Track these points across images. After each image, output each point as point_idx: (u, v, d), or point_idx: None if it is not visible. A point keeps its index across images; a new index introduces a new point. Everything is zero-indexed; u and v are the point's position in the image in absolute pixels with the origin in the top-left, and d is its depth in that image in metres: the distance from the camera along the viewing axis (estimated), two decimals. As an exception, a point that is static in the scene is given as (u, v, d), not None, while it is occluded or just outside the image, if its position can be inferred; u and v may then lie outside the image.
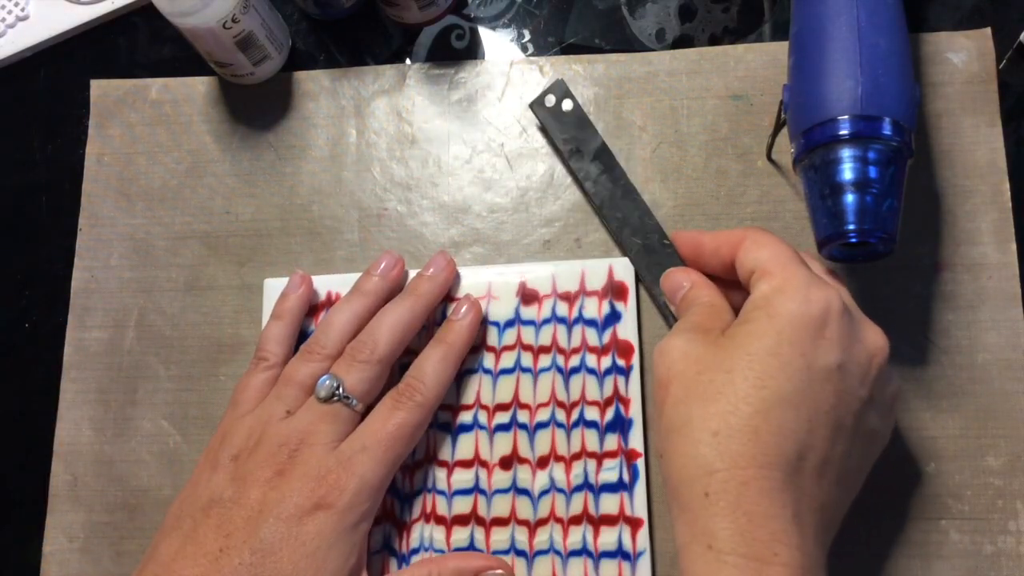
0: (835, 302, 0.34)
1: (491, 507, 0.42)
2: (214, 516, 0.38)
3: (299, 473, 0.38)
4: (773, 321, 0.34)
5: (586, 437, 0.42)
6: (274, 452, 0.38)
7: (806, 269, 0.36)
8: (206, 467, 0.40)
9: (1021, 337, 0.43)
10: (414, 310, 0.42)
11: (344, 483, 0.38)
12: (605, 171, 0.46)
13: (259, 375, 0.42)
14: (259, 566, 0.36)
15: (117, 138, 0.50)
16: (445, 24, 0.51)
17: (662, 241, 0.44)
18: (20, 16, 0.52)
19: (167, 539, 0.38)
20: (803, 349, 0.33)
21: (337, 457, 0.38)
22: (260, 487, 0.38)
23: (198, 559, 0.37)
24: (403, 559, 0.41)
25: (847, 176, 0.37)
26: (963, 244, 0.44)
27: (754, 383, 0.33)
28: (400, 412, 0.40)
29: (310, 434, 0.39)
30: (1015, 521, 0.41)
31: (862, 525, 0.41)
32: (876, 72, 0.37)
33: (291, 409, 0.40)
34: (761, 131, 0.47)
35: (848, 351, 0.34)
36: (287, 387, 0.41)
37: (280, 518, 0.37)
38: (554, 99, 0.46)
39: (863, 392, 0.34)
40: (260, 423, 0.40)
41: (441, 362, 0.41)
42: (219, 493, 0.38)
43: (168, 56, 0.52)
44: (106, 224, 0.49)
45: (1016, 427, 0.42)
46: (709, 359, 0.35)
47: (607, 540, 0.40)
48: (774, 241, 0.37)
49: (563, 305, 0.44)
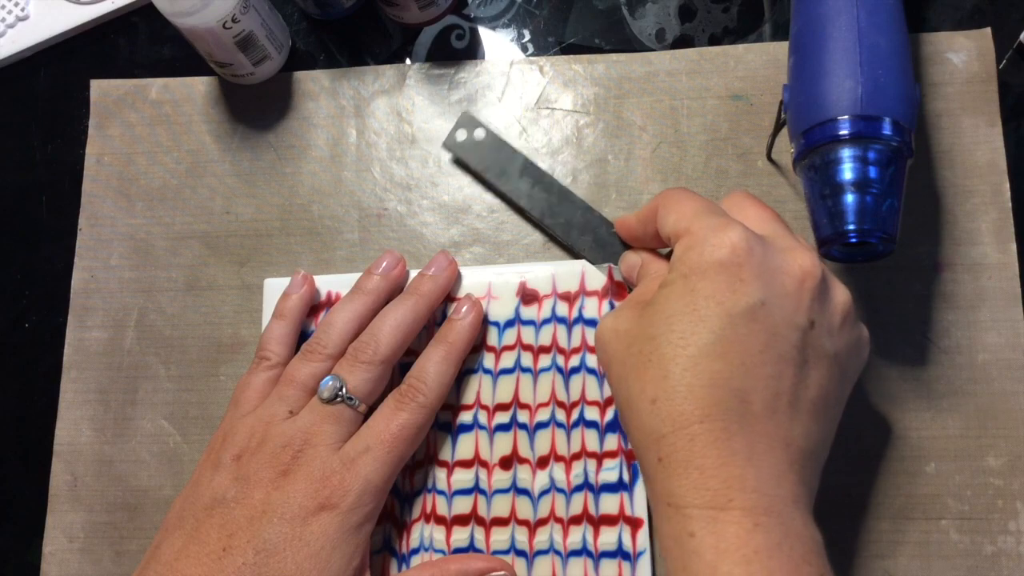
0: (739, 242, 0.34)
1: (491, 507, 0.42)
2: (217, 516, 0.38)
3: (303, 474, 0.38)
4: (688, 280, 0.34)
5: (586, 437, 0.42)
6: (277, 453, 0.38)
7: (712, 217, 0.35)
8: (208, 467, 0.40)
9: (1021, 337, 0.43)
10: (416, 310, 0.42)
11: (348, 484, 0.38)
12: (536, 183, 0.46)
13: (261, 375, 0.42)
14: (263, 566, 0.36)
15: (117, 138, 0.50)
16: (445, 24, 0.51)
17: (610, 231, 0.44)
18: (20, 16, 0.52)
19: (169, 538, 0.38)
20: (718, 297, 0.33)
21: (341, 458, 0.38)
22: (263, 487, 0.38)
23: (201, 559, 0.37)
24: (403, 559, 0.41)
25: (847, 176, 0.37)
26: (963, 244, 0.44)
27: (677, 343, 0.33)
28: (403, 413, 0.40)
29: (313, 435, 0.39)
30: (1015, 521, 0.41)
31: (862, 525, 0.41)
32: (876, 72, 0.37)
33: (293, 409, 0.40)
34: (761, 131, 0.47)
35: (769, 285, 0.33)
36: (289, 387, 0.40)
37: (284, 518, 0.37)
38: (465, 133, 0.47)
39: (800, 319, 0.34)
40: (262, 423, 0.40)
41: (443, 362, 0.41)
42: (222, 493, 0.38)
43: (168, 56, 0.52)
44: (106, 224, 0.49)
45: (1016, 427, 0.42)
46: (636, 331, 0.35)
47: (607, 540, 0.40)
48: (681, 199, 0.37)
49: (563, 305, 0.44)
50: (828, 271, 0.36)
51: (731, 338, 0.33)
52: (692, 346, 0.33)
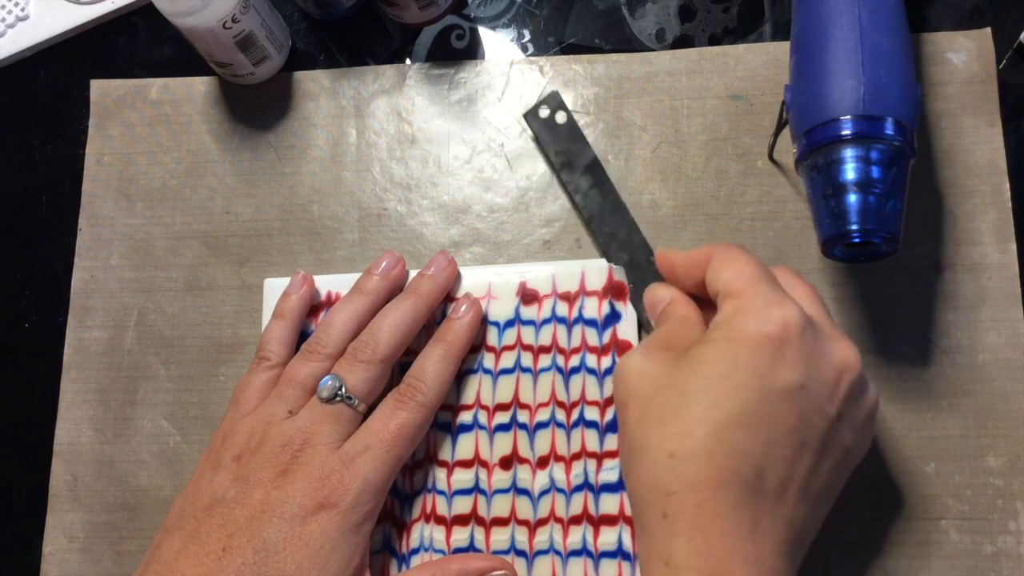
0: (794, 320, 0.34)
1: (491, 507, 0.42)
2: (217, 516, 0.38)
3: (302, 473, 0.38)
4: (731, 343, 0.34)
5: (586, 437, 0.42)
6: (277, 452, 0.38)
7: (768, 287, 0.35)
8: (208, 467, 0.40)
9: (1021, 337, 0.43)
10: (415, 310, 0.42)
11: (348, 483, 0.38)
12: (595, 185, 0.46)
13: (261, 375, 0.42)
14: (262, 566, 0.36)
15: (117, 138, 0.50)
16: (445, 24, 0.51)
17: (648, 258, 0.44)
18: (20, 16, 0.52)
19: (169, 538, 0.38)
20: (759, 371, 0.33)
21: (340, 457, 0.38)
22: (263, 487, 0.38)
23: (201, 558, 0.37)
24: (403, 559, 0.41)
25: (850, 176, 0.37)
26: (963, 244, 0.44)
27: (708, 405, 0.33)
28: (402, 412, 0.40)
29: (313, 434, 0.39)
30: (1015, 521, 0.41)
31: (862, 525, 0.42)
32: (878, 72, 0.37)
33: (293, 409, 0.40)
34: (761, 131, 0.47)
35: (811, 370, 0.33)
36: (288, 387, 0.40)
37: (284, 518, 0.37)
38: (548, 111, 0.47)
39: (831, 410, 0.34)
40: (262, 423, 0.40)
41: (442, 361, 0.41)
42: (222, 493, 0.38)
43: (168, 56, 0.52)
44: (106, 224, 0.49)
45: (1016, 427, 0.42)
46: (666, 379, 0.35)
47: (607, 540, 0.40)
48: (738, 258, 0.37)
49: (563, 305, 0.44)
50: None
51: (762, 413, 0.33)
52: (722, 412, 0.33)
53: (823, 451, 0.34)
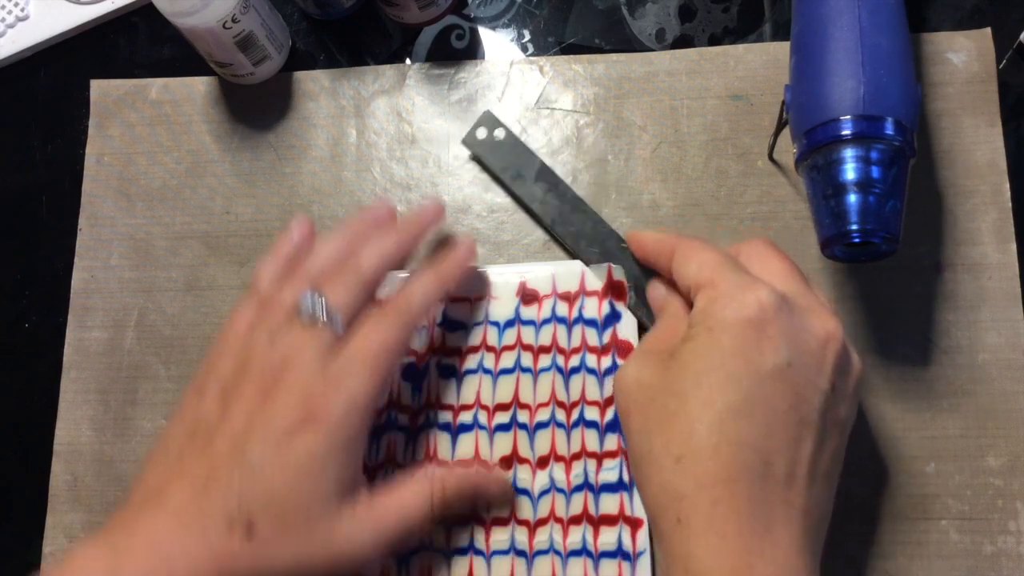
0: (768, 300, 0.34)
1: (491, 507, 0.42)
2: (199, 442, 0.37)
3: (285, 395, 0.37)
4: (713, 334, 0.34)
5: (586, 437, 0.42)
6: (260, 377, 0.38)
7: (735, 272, 0.35)
8: (193, 396, 0.39)
9: (1021, 337, 0.43)
10: (399, 240, 0.42)
11: (331, 403, 0.37)
12: (550, 189, 0.46)
13: (250, 310, 0.41)
14: (249, 488, 0.35)
15: (117, 138, 0.50)
16: (445, 24, 0.51)
17: (620, 246, 0.44)
18: (20, 16, 0.52)
19: (154, 468, 0.37)
20: (746, 356, 0.33)
21: (324, 377, 0.37)
22: (246, 411, 0.37)
23: (184, 487, 0.36)
24: (403, 559, 0.41)
25: (850, 176, 0.37)
26: (963, 244, 0.44)
27: (704, 401, 0.33)
28: (384, 329, 0.39)
29: (294, 356, 0.38)
30: (1015, 521, 0.41)
31: (862, 525, 0.42)
32: (878, 72, 0.37)
33: (275, 333, 0.39)
34: (761, 131, 0.47)
35: (795, 345, 0.33)
36: (270, 312, 0.40)
37: (267, 439, 0.36)
38: (485, 131, 0.47)
39: (823, 382, 0.33)
40: (245, 350, 0.39)
41: (430, 283, 0.41)
42: (205, 420, 0.37)
43: (168, 56, 0.52)
44: (106, 224, 0.49)
45: (1016, 427, 0.42)
46: (660, 384, 0.35)
47: (607, 540, 0.40)
48: (700, 250, 0.37)
49: (563, 305, 0.44)
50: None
51: (758, 398, 0.32)
52: (719, 404, 0.33)
53: (823, 428, 0.33)
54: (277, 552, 0.35)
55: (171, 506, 0.36)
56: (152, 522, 0.35)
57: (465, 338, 0.44)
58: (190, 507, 0.35)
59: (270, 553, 0.35)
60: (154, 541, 0.35)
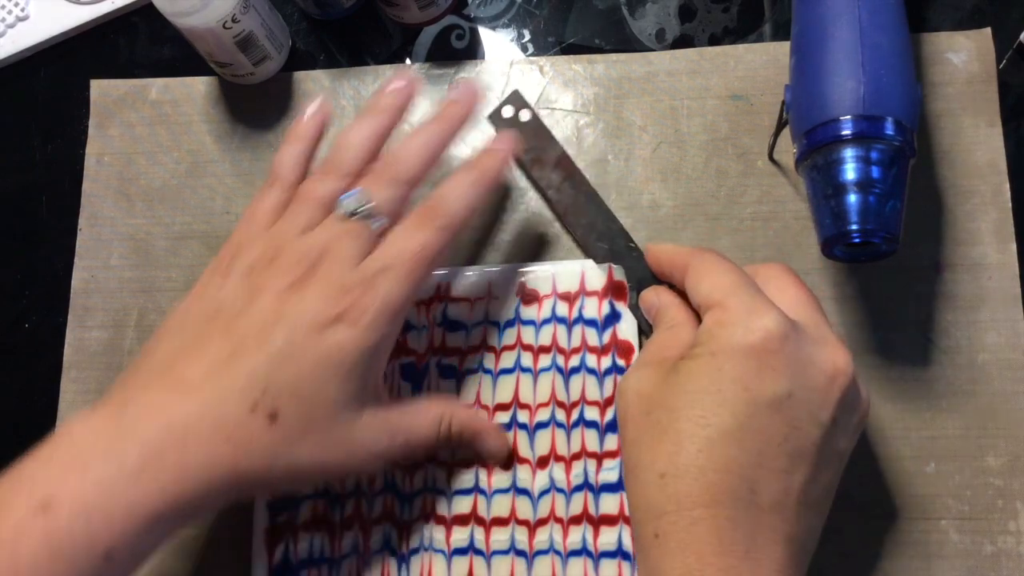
0: (775, 328, 0.33)
1: (491, 507, 0.42)
2: (221, 323, 0.35)
3: (319, 286, 0.36)
4: (715, 358, 0.33)
5: (586, 437, 0.42)
6: (292, 266, 0.36)
7: (748, 295, 0.34)
8: (215, 277, 0.37)
9: (1021, 337, 0.43)
10: (442, 134, 0.40)
11: (367, 302, 0.36)
12: (567, 178, 0.46)
13: (274, 195, 0.40)
14: (276, 373, 0.34)
15: (117, 138, 0.50)
16: (445, 24, 0.51)
17: (628, 245, 0.44)
18: (20, 16, 0.52)
19: (167, 342, 0.36)
20: (745, 382, 0.32)
21: (360, 274, 0.36)
22: (274, 298, 0.35)
23: (203, 362, 0.34)
24: (403, 559, 0.41)
25: (850, 176, 0.37)
26: (963, 244, 0.44)
27: (697, 421, 0.32)
28: (423, 233, 0.38)
29: (331, 249, 0.37)
30: (1015, 521, 0.41)
31: (862, 525, 0.41)
32: (878, 72, 0.37)
33: (309, 226, 0.38)
34: (761, 131, 0.47)
35: (798, 377, 0.33)
36: (304, 204, 0.38)
37: (298, 327, 0.35)
38: (512, 110, 0.47)
39: (824, 417, 0.33)
40: (276, 238, 0.38)
41: (471, 186, 0.39)
42: (230, 302, 0.36)
43: (168, 56, 0.52)
44: (106, 224, 0.49)
45: (1016, 427, 0.42)
46: (657, 397, 0.34)
47: (607, 540, 0.40)
48: (714, 269, 0.36)
49: (563, 305, 0.44)
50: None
51: (752, 426, 0.32)
52: (711, 427, 0.32)
53: (819, 460, 0.33)
54: (297, 444, 0.34)
55: (187, 381, 0.34)
56: (163, 395, 0.34)
57: (465, 338, 0.44)
58: (209, 384, 0.34)
59: (290, 443, 0.34)
60: (164, 414, 0.33)
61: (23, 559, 0.31)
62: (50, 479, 0.32)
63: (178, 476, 0.33)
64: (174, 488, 0.33)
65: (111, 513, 0.32)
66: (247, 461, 0.34)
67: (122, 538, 0.32)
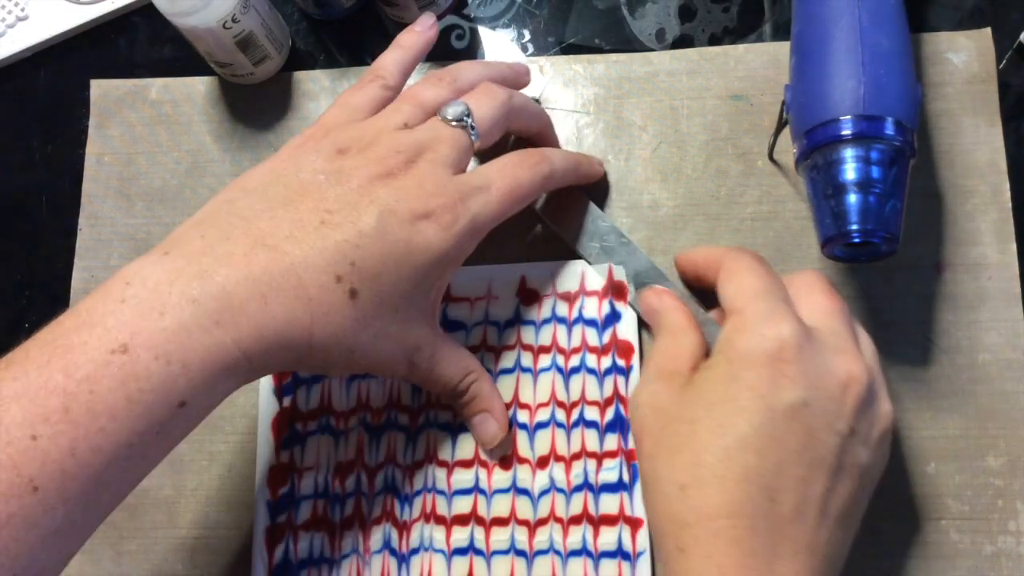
0: (789, 336, 0.33)
1: (491, 507, 0.42)
2: (313, 192, 0.34)
3: (414, 181, 0.35)
4: (732, 365, 0.33)
5: (586, 437, 0.42)
6: (388, 155, 0.36)
7: (767, 302, 0.34)
8: (303, 151, 0.36)
9: (1021, 337, 0.43)
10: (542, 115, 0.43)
11: (460, 210, 0.36)
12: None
13: (373, 90, 0.39)
14: (364, 251, 0.33)
15: (117, 138, 0.50)
16: (445, 24, 0.51)
17: (620, 240, 0.44)
18: (20, 16, 0.52)
19: (247, 199, 0.34)
20: (761, 391, 0.32)
21: (456, 183, 0.36)
22: (368, 181, 0.35)
23: (291, 224, 0.33)
24: (403, 559, 0.41)
25: (850, 176, 0.37)
26: (963, 244, 0.44)
27: (715, 432, 0.32)
28: (523, 171, 0.38)
29: (430, 149, 0.36)
30: (1015, 521, 0.41)
31: (862, 525, 0.41)
32: (878, 72, 0.37)
33: (408, 126, 0.37)
34: (761, 131, 0.47)
35: (814, 386, 0.33)
36: (408, 103, 0.38)
37: (392, 213, 0.34)
38: None
39: (841, 426, 0.33)
40: (374, 127, 0.37)
41: (571, 159, 0.42)
42: (319, 177, 0.35)
43: (168, 56, 0.52)
44: (106, 224, 0.49)
45: (1016, 427, 0.42)
46: (674, 410, 0.34)
47: (607, 540, 0.40)
48: (742, 271, 0.36)
49: (563, 305, 0.44)
50: (880, 381, 0.35)
51: (769, 434, 0.32)
52: (729, 436, 0.32)
53: (838, 470, 0.33)
54: (364, 326, 0.34)
55: (273, 237, 0.33)
56: (246, 248, 0.33)
57: (465, 338, 0.44)
58: (297, 246, 0.33)
59: (360, 323, 0.34)
60: (247, 266, 0.32)
61: (100, 399, 0.29)
62: (125, 322, 0.30)
63: (255, 330, 0.32)
64: (250, 342, 0.32)
65: (188, 361, 0.31)
66: (321, 329, 0.33)
67: (197, 387, 0.31)
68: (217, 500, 0.44)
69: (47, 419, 0.29)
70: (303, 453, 0.43)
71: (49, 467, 0.28)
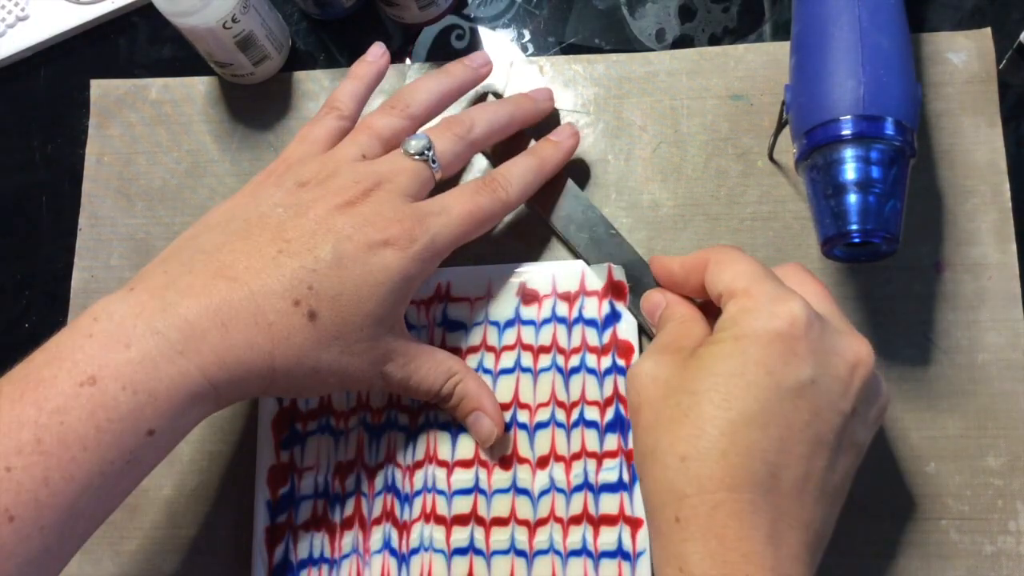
0: (801, 315, 0.33)
1: (491, 507, 0.42)
2: (271, 225, 0.36)
3: (372, 209, 0.37)
4: (739, 341, 0.33)
5: (586, 437, 0.42)
6: (347, 186, 0.37)
7: (772, 283, 0.35)
8: (265, 185, 0.38)
9: (1021, 337, 0.43)
10: (512, 116, 0.43)
11: (417, 234, 0.37)
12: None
13: (330, 122, 0.40)
14: (323, 276, 0.35)
15: (117, 138, 0.50)
16: (445, 24, 0.51)
17: (608, 232, 0.44)
18: (20, 16, 0.52)
19: (209, 235, 0.36)
20: (770, 367, 0.32)
21: (414, 209, 0.37)
22: (327, 212, 0.36)
23: (250, 255, 0.35)
24: (403, 559, 0.41)
25: (850, 176, 0.37)
26: (963, 244, 0.44)
27: (720, 405, 0.32)
28: (482, 198, 0.39)
29: (389, 180, 0.38)
30: (1015, 521, 0.41)
31: (862, 525, 0.42)
32: (878, 72, 0.37)
33: (366, 157, 0.39)
34: (761, 131, 0.47)
35: (822, 365, 0.33)
36: (365, 135, 0.39)
37: (349, 240, 0.36)
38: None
39: (845, 405, 0.33)
40: (333, 160, 0.38)
41: (530, 171, 0.42)
42: (279, 209, 0.37)
43: (168, 56, 0.52)
44: (106, 224, 0.49)
45: (1016, 427, 0.42)
46: (676, 382, 0.34)
47: (607, 540, 0.40)
48: (737, 259, 0.36)
49: (563, 305, 0.44)
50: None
51: (775, 411, 0.32)
52: (734, 410, 0.32)
53: (838, 448, 0.33)
54: (327, 347, 0.35)
55: (232, 269, 0.35)
56: (206, 280, 0.34)
57: (465, 338, 0.44)
58: (254, 276, 0.35)
59: (321, 344, 0.35)
60: (207, 297, 0.34)
61: (71, 429, 0.31)
62: (93, 355, 0.32)
63: (217, 357, 0.33)
64: (214, 369, 0.33)
65: (154, 390, 0.32)
66: (282, 353, 0.34)
67: (164, 414, 0.32)
68: (217, 500, 0.44)
69: (20, 451, 0.30)
70: (303, 453, 0.43)
71: (23, 497, 0.30)
